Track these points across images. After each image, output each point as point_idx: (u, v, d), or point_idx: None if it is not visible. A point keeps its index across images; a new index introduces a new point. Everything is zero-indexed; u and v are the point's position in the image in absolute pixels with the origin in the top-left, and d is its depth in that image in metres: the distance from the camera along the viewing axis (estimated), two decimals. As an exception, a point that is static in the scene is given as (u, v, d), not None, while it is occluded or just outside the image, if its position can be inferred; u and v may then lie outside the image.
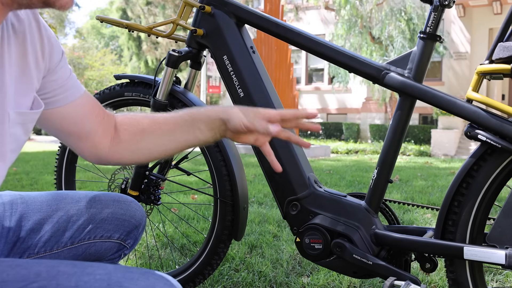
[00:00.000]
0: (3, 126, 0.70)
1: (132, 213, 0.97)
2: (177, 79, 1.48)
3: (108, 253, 0.97)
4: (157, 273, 0.67)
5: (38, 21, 0.78)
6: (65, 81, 0.84)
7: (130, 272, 0.65)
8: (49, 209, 0.91)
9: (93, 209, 0.93)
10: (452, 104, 1.08)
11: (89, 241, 0.92)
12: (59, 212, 0.91)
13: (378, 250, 1.17)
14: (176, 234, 2.26)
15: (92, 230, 0.92)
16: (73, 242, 0.91)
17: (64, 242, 0.90)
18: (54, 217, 0.90)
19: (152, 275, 0.66)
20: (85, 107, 0.88)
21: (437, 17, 1.12)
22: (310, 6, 17.18)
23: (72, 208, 0.92)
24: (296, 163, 1.26)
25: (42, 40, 0.78)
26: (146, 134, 0.92)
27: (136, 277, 0.64)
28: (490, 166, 1.04)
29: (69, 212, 0.91)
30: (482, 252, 1.01)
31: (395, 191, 3.99)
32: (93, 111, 0.89)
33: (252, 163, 6.19)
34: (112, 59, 26.23)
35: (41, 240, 0.89)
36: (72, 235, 0.91)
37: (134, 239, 0.99)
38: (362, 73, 1.19)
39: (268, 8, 8.68)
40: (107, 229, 0.94)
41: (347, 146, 12.85)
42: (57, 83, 0.83)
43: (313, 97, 17.63)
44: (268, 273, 1.72)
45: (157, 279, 0.65)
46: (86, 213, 0.92)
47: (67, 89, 0.85)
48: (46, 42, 0.79)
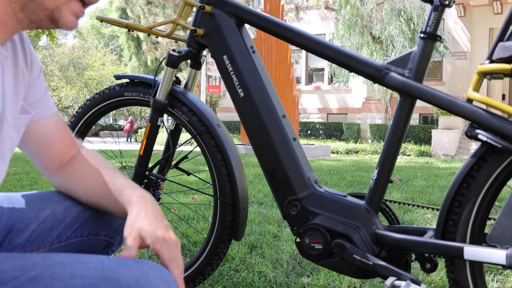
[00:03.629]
0: (2, 128, 0.75)
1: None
2: (177, 79, 1.48)
3: (96, 250, 0.97)
4: (150, 262, 0.69)
5: (21, 35, 0.83)
6: (41, 96, 0.89)
7: (123, 261, 0.67)
8: (35, 208, 0.91)
9: (79, 207, 0.93)
10: (452, 104, 1.07)
11: (76, 238, 0.92)
12: (46, 211, 0.91)
13: (378, 250, 1.16)
14: (176, 234, 2.26)
15: (79, 228, 0.92)
16: (60, 241, 0.91)
17: (51, 241, 0.90)
18: (40, 216, 0.90)
19: (145, 263, 0.68)
20: (53, 128, 0.92)
21: (437, 17, 1.11)
22: (310, 6, 17.18)
23: (59, 207, 0.92)
24: (296, 163, 1.25)
25: (25, 52, 0.83)
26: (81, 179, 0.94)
27: (130, 264, 0.66)
28: (491, 166, 1.04)
29: (56, 211, 0.91)
30: (482, 252, 1.01)
31: (395, 191, 3.99)
32: (59, 135, 0.93)
33: (252, 163, 6.19)
34: (112, 59, 26.23)
35: (28, 240, 0.89)
36: (59, 234, 0.91)
37: (122, 236, 0.99)
38: (362, 73, 1.19)
39: (268, 8, 8.69)
40: (94, 226, 0.94)
41: (347, 146, 12.86)
42: (35, 97, 0.87)
43: (313, 97, 17.62)
44: (268, 273, 1.72)
45: (150, 267, 0.67)
46: (73, 211, 0.92)
47: (41, 104, 0.89)
48: (29, 55, 0.84)
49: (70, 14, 0.72)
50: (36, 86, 0.87)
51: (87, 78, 23.64)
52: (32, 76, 0.85)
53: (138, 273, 0.65)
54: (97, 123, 2.59)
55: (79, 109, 1.59)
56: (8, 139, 0.78)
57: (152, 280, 0.65)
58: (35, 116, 0.88)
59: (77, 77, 23.49)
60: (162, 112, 1.42)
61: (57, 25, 0.72)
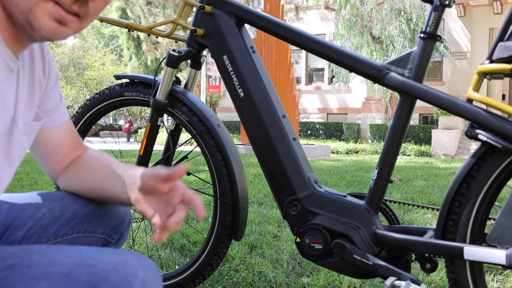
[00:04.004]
0: (12, 134, 0.76)
1: (116, 208, 0.98)
2: (177, 79, 1.48)
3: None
4: (131, 252, 0.69)
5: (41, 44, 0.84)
6: (56, 104, 0.90)
7: (103, 250, 0.68)
8: (32, 207, 0.92)
9: (77, 205, 0.94)
10: (452, 104, 1.07)
11: (72, 235, 0.92)
12: (43, 209, 0.92)
13: (378, 250, 1.16)
14: (176, 234, 2.26)
15: (76, 225, 0.93)
16: (56, 237, 0.91)
17: (47, 238, 0.90)
18: (37, 214, 0.91)
19: (126, 252, 0.68)
20: (65, 135, 0.94)
21: (437, 16, 1.11)
22: (310, 6, 17.19)
23: (56, 205, 0.93)
24: (296, 163, 1.25)
25: (44, 60, 0.84)
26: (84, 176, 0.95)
27: (109, 253, 0.67)
28: (491, 166, 1.04)
29: (53, 209, 0.92)
30: (482, 252, 1.01)
31: (395, 191, 3.99)
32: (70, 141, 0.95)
33: (252, 163, 6.19)
34: (112, 59, 26.23)
35: (24, 236, 0.89)
36: (55, 231, 0.91)
37: (120, 234, 0.99)
38: (362, 73, 1.19)
39: (268, 8, 8.69)
40: (90, 224, 0.94)
41: (347, 146, 12.85)
42: (50, 105, 0.89)
43: (313, 97, 17.62)
44: (268, 273, 1.72)
45: (129, 255, 0.68)
46: (70, 209, 0.93)
47: (54, 113, 0.90)
48: (47, 62, 0.85)
49: (45, 16, 0.66)
50: (51, 95, 0.89)
51: (87, 78, 23.63)
52: (49, 84, 0.87)
53: (117, 260, 0.65)
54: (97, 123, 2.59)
55: (79, 109, 1.60)
56: (18, 145, 0.79)
57: (130, 266, 0.65)
58: (47, 124, 0.89)
59: (77, 77, 23.49)
60: (162, 112, 1.42)
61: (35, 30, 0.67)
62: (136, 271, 0.65)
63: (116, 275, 0.63)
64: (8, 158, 0.77)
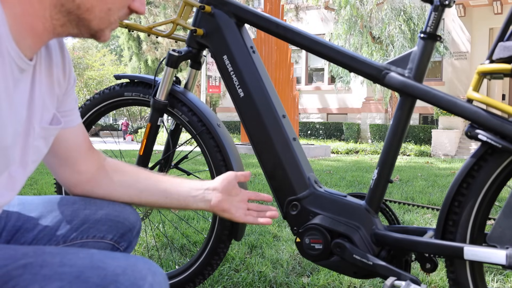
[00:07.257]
0: (27, 138, 0.75)
1: (126, 215, 0.98)
2: (177, 79, 1.48)
3: None
4: (139, 256, 0.72)
5: (61, 43, 0.84)
6: (72, 105, 0.91)
7: (112, 253, 0.71)
8: (44, 210, 0.93)
9: (87, 211, 0.94)
10: (452, 104, 1.07)
11: (81, 240, 0.93)
12: (54, 212, 0.92)
13: (378, 250, 1.16)
14: (176, 234, 2.26)
15: (85, 230, 0.93)
16: (65, 241, 0.92)
17: (57, 241, 0.91)
18: (48, 217, 0.92)
19: (134, 257, 0.71)
20: (79, 136, 0.94)
21: (437, 16, 1.11)
22: (310, 6, 17.18)
23: (67, 209, 0.93)
24: (296, 163, 1.25)
25: (64, 61, 0.84)
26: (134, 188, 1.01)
27: (118, 256, 0.69)
28: (491, 166, 1.04)
29: (64, 213, 0.93)
30: (482, 252, 1.01)
31: (395, 191, 3.99)
32: (84, 142, 0.96)
33: (252, 163, 6.19)
34: (112, 59, 26.24)
35: (34, 239, 0.90)
36: (65, 234, 0.92)
37: (129, 242, 1.00)
38: (362, 73, 1.19)
39: (268, 8, 8.69)
40: (100, 229, 0.95)
41: (347, 146, 12.86)
42: (67, 106, 0.89)
43: (313, 97, 17.63)
44: (268, 273, 1.72)
45: (138, 259, 0.70)
46: (80, 214, 0.94)
47: (71, 113, 0.91)
48: (67, 63, 0.85)
49: (110, 32, 0.76)
50: (70, 94, 0.89)
51: (87, 78, 23.63)
52: (69, 84, 0.87)
53: (126, 263, 0.67)
54: (97, 123, 2.59)
55: (79, 109, 1.59)
56: (34, 149, 0.78)
57: (139, 271, 0.67)
58: (66, 124, 0.89)
59: (77, 77, 23.49)
60: (162, 112, 1.42)
61: (95, 39, 0.76)
62: (145, 275, 0.67)
63: (125, 278, 0.65)
64: (23, 163, 0.76)
